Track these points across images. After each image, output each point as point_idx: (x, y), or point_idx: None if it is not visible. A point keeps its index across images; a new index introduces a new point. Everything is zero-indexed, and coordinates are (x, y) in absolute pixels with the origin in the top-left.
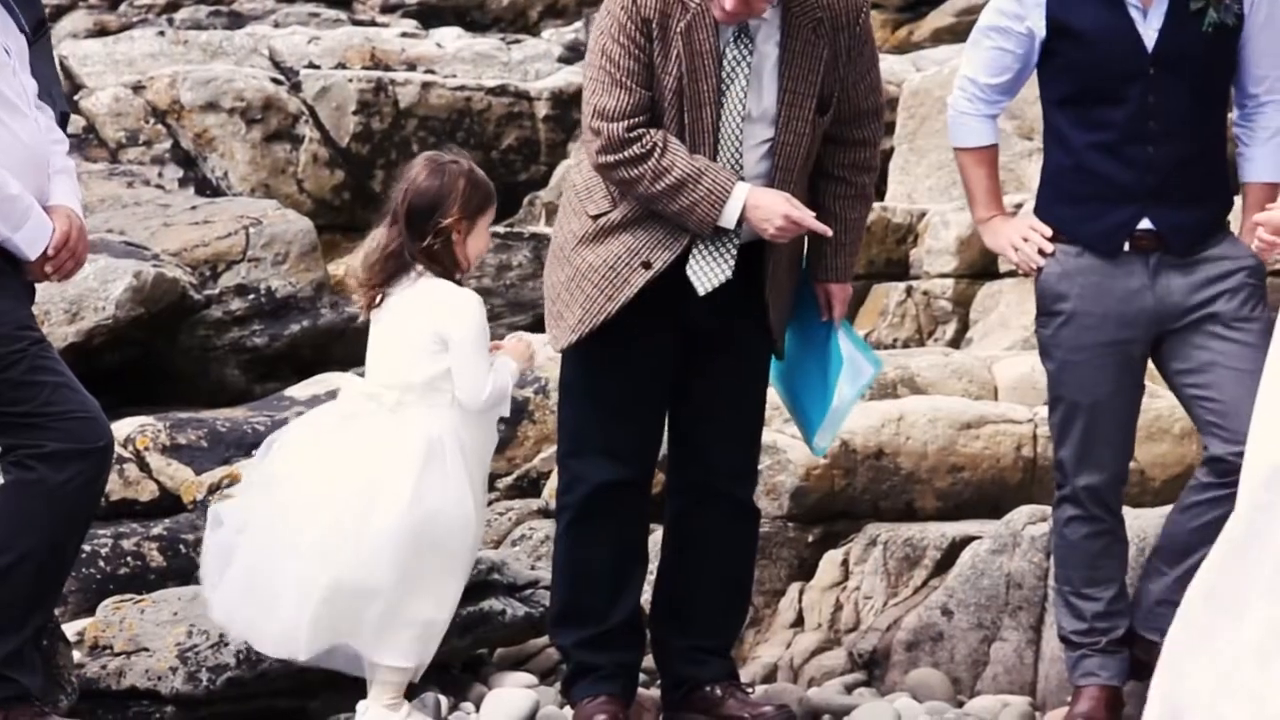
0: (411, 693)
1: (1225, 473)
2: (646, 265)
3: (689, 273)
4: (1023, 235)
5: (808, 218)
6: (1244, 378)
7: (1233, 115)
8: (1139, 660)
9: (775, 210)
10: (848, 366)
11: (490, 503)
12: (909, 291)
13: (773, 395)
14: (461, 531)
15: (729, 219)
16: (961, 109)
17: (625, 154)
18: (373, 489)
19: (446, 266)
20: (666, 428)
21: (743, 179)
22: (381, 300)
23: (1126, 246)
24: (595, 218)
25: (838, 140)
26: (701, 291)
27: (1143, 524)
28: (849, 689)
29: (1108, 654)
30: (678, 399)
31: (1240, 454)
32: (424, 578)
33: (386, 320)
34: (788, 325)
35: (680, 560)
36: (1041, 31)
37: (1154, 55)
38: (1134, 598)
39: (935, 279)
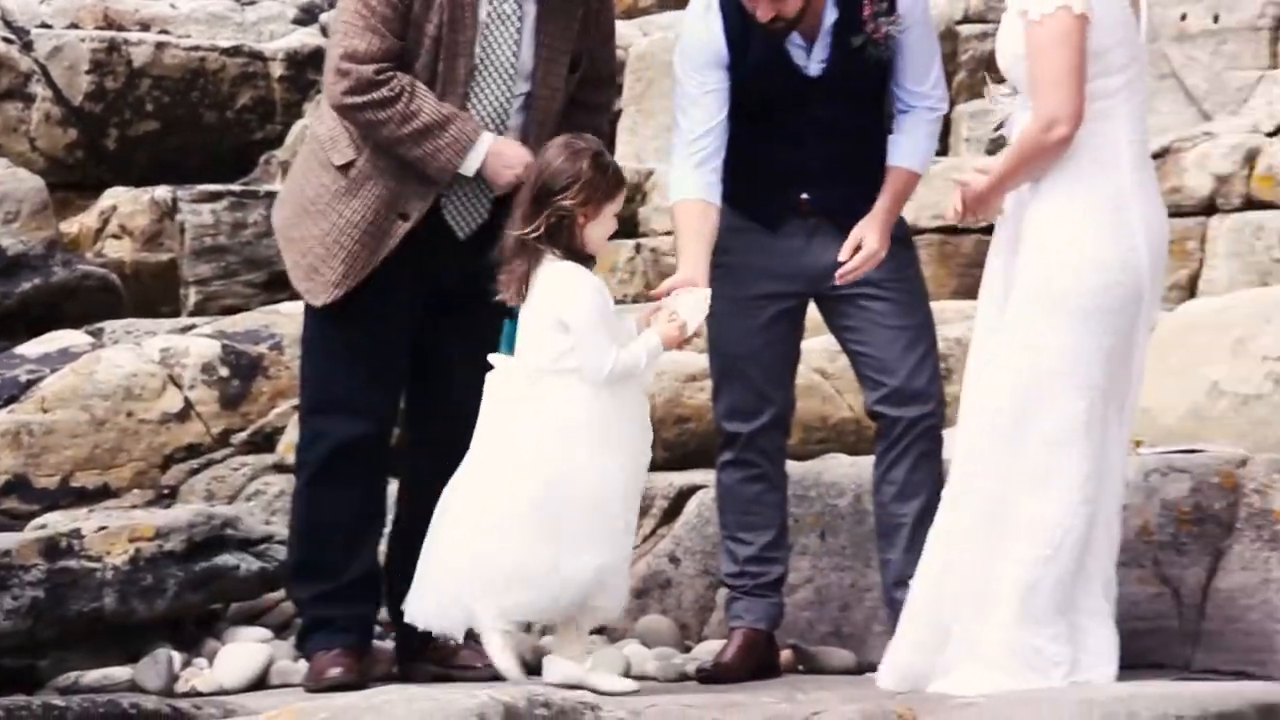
0: (142, 650)
1: (888, 429)
2: (404, 216)
3: (447, 217)
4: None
5: None
6: (897, 334)
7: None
8: None
9: (518, 158)
10: None
11: (224, 458)
12: (638, 249)
13: None
14: (597, 498)
15: (470, 167)
16: (675, 165)
17: (373, 96)
18: (507, 465)
19: (570, 249)
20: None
21: (503, 132)
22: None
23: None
24: (343, 168)
25: (576, 104)
26: (461, 235)
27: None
28: None
29: (755, 597)
30: (420, 353)
31: (896, 406)
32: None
33: (527, 304)
34: None
35: (417, 513)
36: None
37: (817, 82)
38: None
39: (663, 236)
